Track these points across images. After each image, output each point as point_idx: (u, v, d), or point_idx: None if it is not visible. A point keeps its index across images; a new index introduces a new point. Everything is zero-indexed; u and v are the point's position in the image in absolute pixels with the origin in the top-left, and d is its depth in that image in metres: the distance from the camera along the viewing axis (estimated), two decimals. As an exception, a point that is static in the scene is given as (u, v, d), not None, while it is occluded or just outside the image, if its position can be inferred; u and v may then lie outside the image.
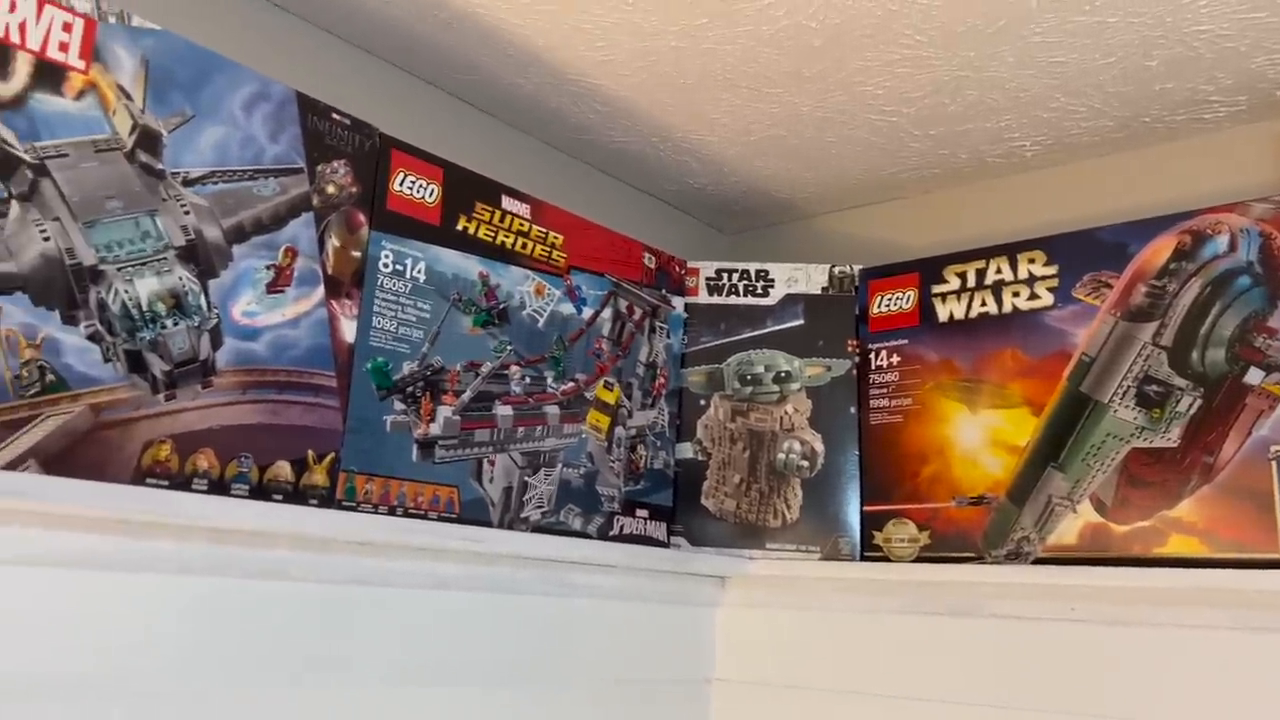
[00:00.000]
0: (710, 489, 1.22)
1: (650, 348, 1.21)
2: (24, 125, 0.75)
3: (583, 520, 1.11)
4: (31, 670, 0.74)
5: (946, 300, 1.18)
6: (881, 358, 1.21)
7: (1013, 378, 1.11)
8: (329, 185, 0.92)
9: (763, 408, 1.22)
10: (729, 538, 1.21)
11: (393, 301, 0.96)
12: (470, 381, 1.01)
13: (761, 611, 1.25)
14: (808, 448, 1.20)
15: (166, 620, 0.81)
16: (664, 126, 1.32)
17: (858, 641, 1.17)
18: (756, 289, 1.26)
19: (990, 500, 1.10)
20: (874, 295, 1.24)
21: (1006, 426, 1.11)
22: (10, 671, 0.73)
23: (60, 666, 0.75)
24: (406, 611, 0.97)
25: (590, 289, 1.15)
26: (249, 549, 0.87)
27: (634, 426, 1.18)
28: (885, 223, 1.51)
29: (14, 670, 0.73)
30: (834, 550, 1.18)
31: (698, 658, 1.27)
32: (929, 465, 1.15)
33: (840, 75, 1.17)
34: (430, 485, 0.97)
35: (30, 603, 0.75)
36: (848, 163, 1.39)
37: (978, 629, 1.09)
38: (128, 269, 0.79)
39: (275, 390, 0.88)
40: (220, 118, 0.86)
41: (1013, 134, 1.28)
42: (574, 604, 1.12)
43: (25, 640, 0.74)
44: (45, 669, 0.75)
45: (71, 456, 0.75)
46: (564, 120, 1.32)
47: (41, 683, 0.75)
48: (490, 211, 1.05)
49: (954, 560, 1.11)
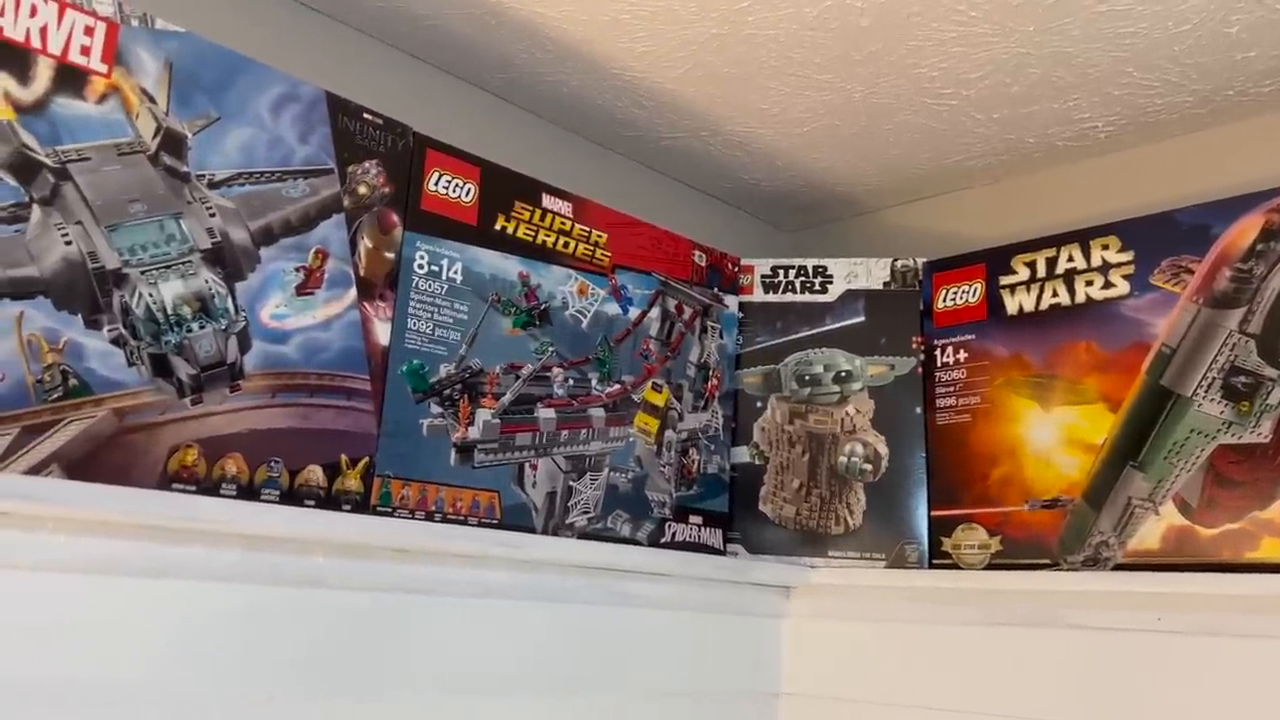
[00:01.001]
0: (768, 494, 1.19)
1: (702, 348, 1.18)
2: (46, 129, 0.75)
3: (632, 526, 1.08)
4: (60, 677, 0.73)
5: (1015, 292, 1.13)
6: (948, 354, 1.17)
7: (1087, 372, 1.06)
8: (360, 186, 0.91)
9: (822, 409, 1.19)
10: (789, 545, 1.17)
11: (428, 303, 0.95)
12: (510, 384, 0.99)
13: (829, 623, 1.21)
14: (870, 450, 1.17)
15: (199, 628, 0.80)
16: (712, 120, 1.29)
17: (927, 653, 1.13)
18: (814, 285, 1.23)
19: (1065, 503, 1.05)
20: (939, 289, 1.20)
21: (1082, 424, 1.05)
22: (38, 678, 0.72)
23: (90, 674, 0.75)
24: (449, 620, 0.95)
25: (636, 288, 1.12)
26: (282, 555, 0.85)
27: (685, 430, 1.15)
28: (951, 214, 1.46)
29: (42, 676, 0.72)
30: (900, 558, 1.14)
31: (764, 671, 1.23)
32: (1000, 467, 1.10)
33: (892, 58, 1.12)
34: (470, 490, 0.96)
35: (58, 609, 0.74)
36: (907, 152, 1.35)
37: (1054, 640, 1.03)
38: (151, 272, 0.79)
39: (306, 394, 0.87)
40: (247, 119, 0.85)
41: (1082, 114, 1.22)
42: (628, 614, 1.08)
43: (53, 647, 0.73)
44: (74, 676, 0.74)
45: (95, 461, 0.75)
46: (608, 117, 1.30)
47: (71, 690, 0.74)
48: (530, 210, 1.04)
49: (1027, 567, 1.06)
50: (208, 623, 0.81)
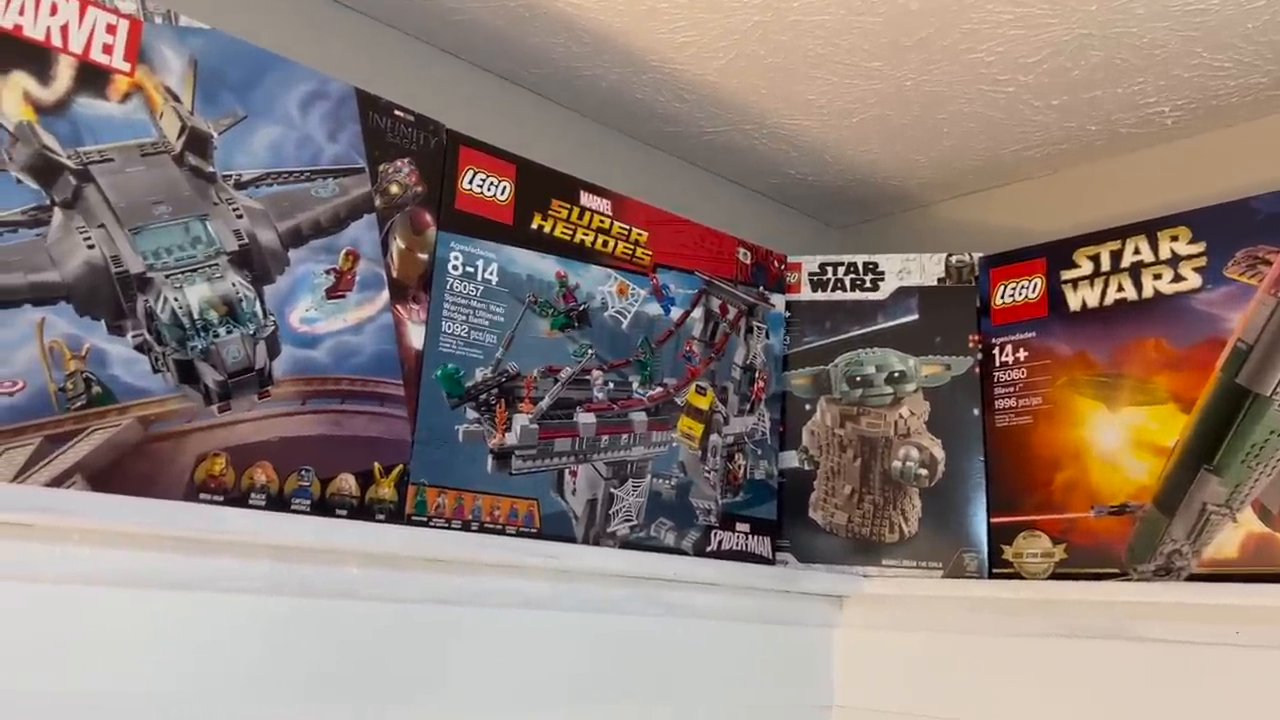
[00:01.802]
0: (818, 501, 1.16)
1: (747, 349, 1.15)
2: (67, 130, 0.73)
3: (676, 535, 1.05)
4: (88, 691, 0.72)
5: (1078, 287, 1.09)
6: (1007, 353, 1.13)
7: (1157, 370, 1.02)
8: (392, 185, 0.90)
9: (875, 411, 1.16)
10: (841, 553, 1.15)
11: (463, 305, 0.93)
12: (548, 388, 0.97)
13: (883, 634, 1.19)
14: (926, 454, 1.13)
15: (229, 642, 0.79)
16: (757, 112, 1.25)
17: (986, 667, 1.10)
18: (865, 283, 1.20)
19: (1135, 509, 1.01)
20: (996, 285, 1.16)
21: (1151, 425, 1.01)
22: (65, 692, 0.71)
23: (118, 688, 0.73)
24: (488, 632, 0.93)
25: (679, 288, 1.09)
26: (314, 567, 0.84)
27: (731, 434, 1.12)
28: (1008, 207, 1.42)
29: (69, 690, 0.71)
30: (959, 567, 1.10)
31: (815, 683, 1.21)
32: (1063, 471, 1.06)
33: (945, 42, 1.08)
34: (508, 498, 0.93)
35: (84, 623, 0.73)
36: (961, 142, 1.30)
37: (1123, 654, 1.00)
38: (177, 276, 0.77)
39: (338, 400, 0.85)
40: (274, 118, 0.83)
41: (1148, 98, 1.17)
42: (673, 625, 1.07)
43: (80, 661, 0.72)
44: (102, 690, 0.72)
45: (120, 471, 0.73)
46: (648, 111, 1.27)
47: (100, 706, 0.72)
48: (568, 208, 1.01)
49: (1094, 577, 1.02)
50: (239, 636, 0.80)
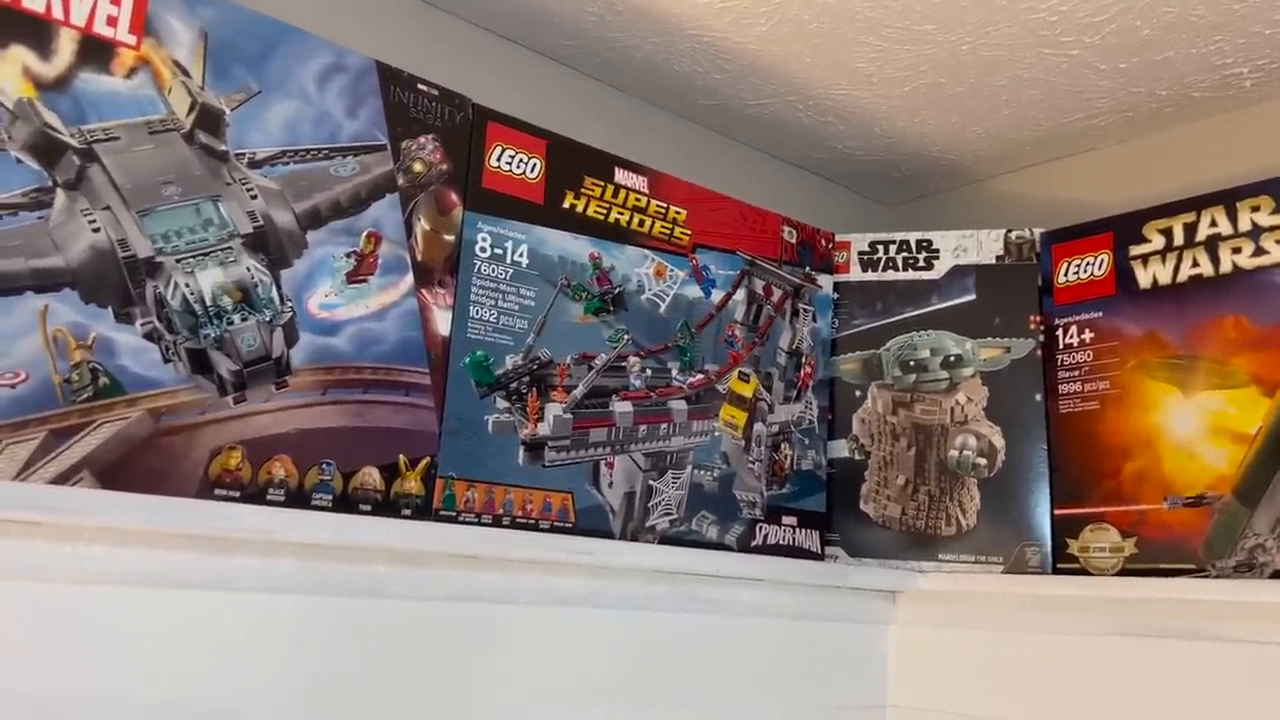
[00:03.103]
0: (870, 492, 1.13)
1: (793, 333, 1.11)
2: (69, 107, 0.71)
3: (719, 529, 1.01)
4: (107, 693, 0.70)
5: (1148, 262, 1.04)
6: (1071, 335, 1.09)
7: (1236, 351, 0.97)
8: (415, 163, 0.87)
9: (930, 398, 1.12)
10: (894, 548, 1.11)
11: (492, 289, 0.90)
12: (583, 375, 0.95)
13: (940, 632, 1.17)
14: (985, 443, 1.09)
15: (252, 641, 0.77)
16: (801, 83, 1.21)
17: (1050, 668, 1.06)
18: (919, 262, 1.17)
19: (1212, 500, 0.96)
20: (1059, 262, 1.11)
21: (1230, 410, 0.96)
22: (83, 693, 0.69)
23: (136, 691, 0.72)
24: (520, 631, 0.91)
25: (720, 269, 1.06)
26: (340, 564, 0.82)
27: (776, 422, 1.09)
28: (1071, 180, 1.37)
29: (87, 692, 0.69)
30: (1021, 562, 1.07)
31: (868, 683, 1.19)
32: (1133, 460, 1.02)
33: (1002, 1, 1.01)
34: (540, 491, 0.91)
35: (98, 624, 0.71)
36: (1021, 111, 1.25)
37: (1198, 655, 0.96)
38: (188, 260, 0.75)
39: (360, 390, 0.82)
40: (290, 92, 0.81)
41: (1225, 59, 1.11)
42: (716, 622, 1.04)
43: (94, 664, 0.70)
44: (119, 693, 0.71)
45: (129, 466, 0.71)
46: (686, 83, 1.24)
47: (116, 708, 0.71)
48: (601, 186, 0.99)
49: (1168, 573, 0.98)
50: (261, 637, 0.78)
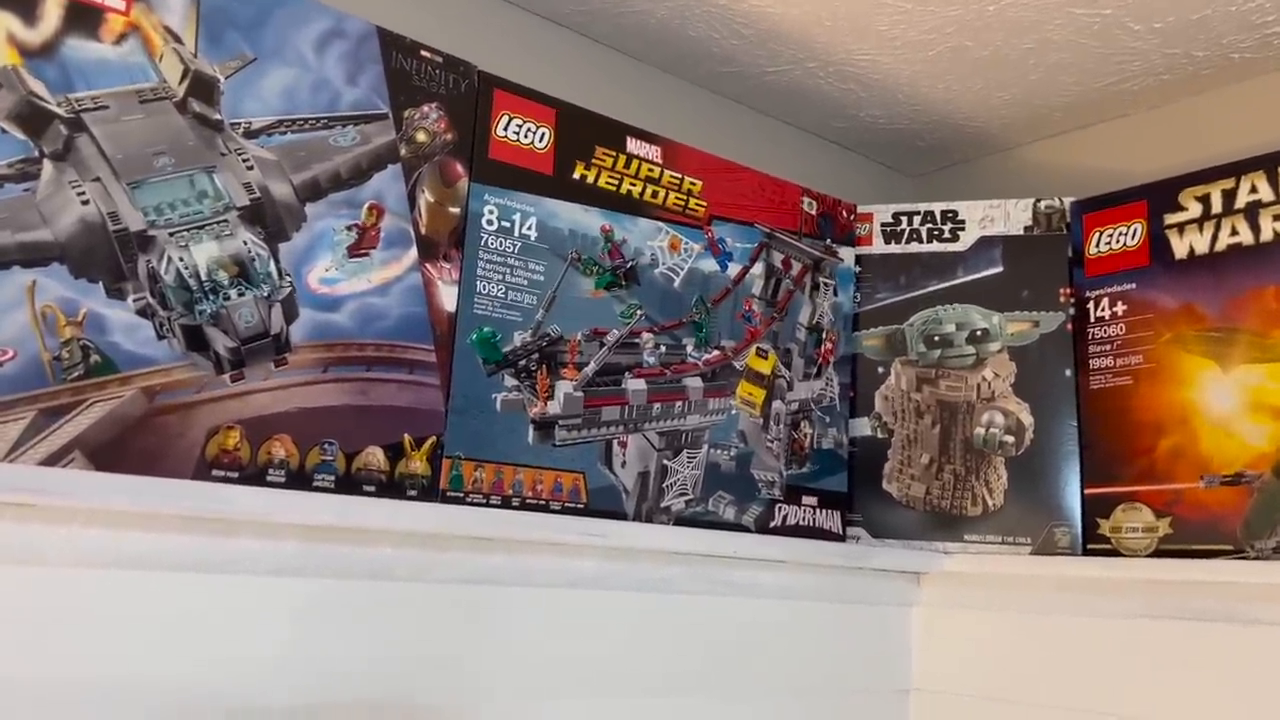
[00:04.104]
0: (893, 471, 1.11)
1: (813, 308, 1.09)
2: (56, 75, 0.69)
3: (736, 509, 0.99)
4: (109, 678, 0.69)
5: (1184, 231, 1.01)
6: (1103, 307, 1.06)
7: (1278, 323, 0.94)
8: (419, 132, 0.85)
9: (955, 374, 1.10)
10: (918, 528, 1.09)
11: (499, 263, 0.88)
12: (594, 352, 0.93)
13: (966, 613, 1.15)
14: (1012, 420, 1.07)
15: (256, 625, 0.76)
16: (822, 48, 1.18)
17: (1082, 651, 1.05)
18: (944, 233, 1.14)
19: (1251, 479, 0.94)
20: (1090, 232, 1.09)
21: (1271, 385, 0.94)
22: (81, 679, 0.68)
23: (138, 674, 0.70)
24: (531, 613, 0.90)
25: (736, 241, 1.04)
26: (344, 546, 0.80)
27: (795, 400, 1.06)
28: (1103, 147, 1.33)
29: (85, 678, 0.68)
30: (1049, 543, 1.05)
31: (891, 665, 1.17)
32: (1168, 437, 1.00)
33: (1033, -42, 0.97)
34: (551, 471, 0.89)
35: (99, 608, 0.70)
36: (1049, 76, 1.21)
37: (1236, 639, 0.94)
38: (182, 233, 0.73)
39: (363, 367, 0.81)
40: (287, 59, 0.79)
41: (1266, 16, 1.06)
42: (733, 604, 1.03)
43: (95, 648, 0.69)
44: (121, 676, 0.70)
45: (123, 447, 0.69)
46: (701, 49, 1.20)
47: (119, 694, 0.70)
48: (613, 156, 0.96)
49: (1203, 554, 0.96)
50: (265, 620, 0.77)
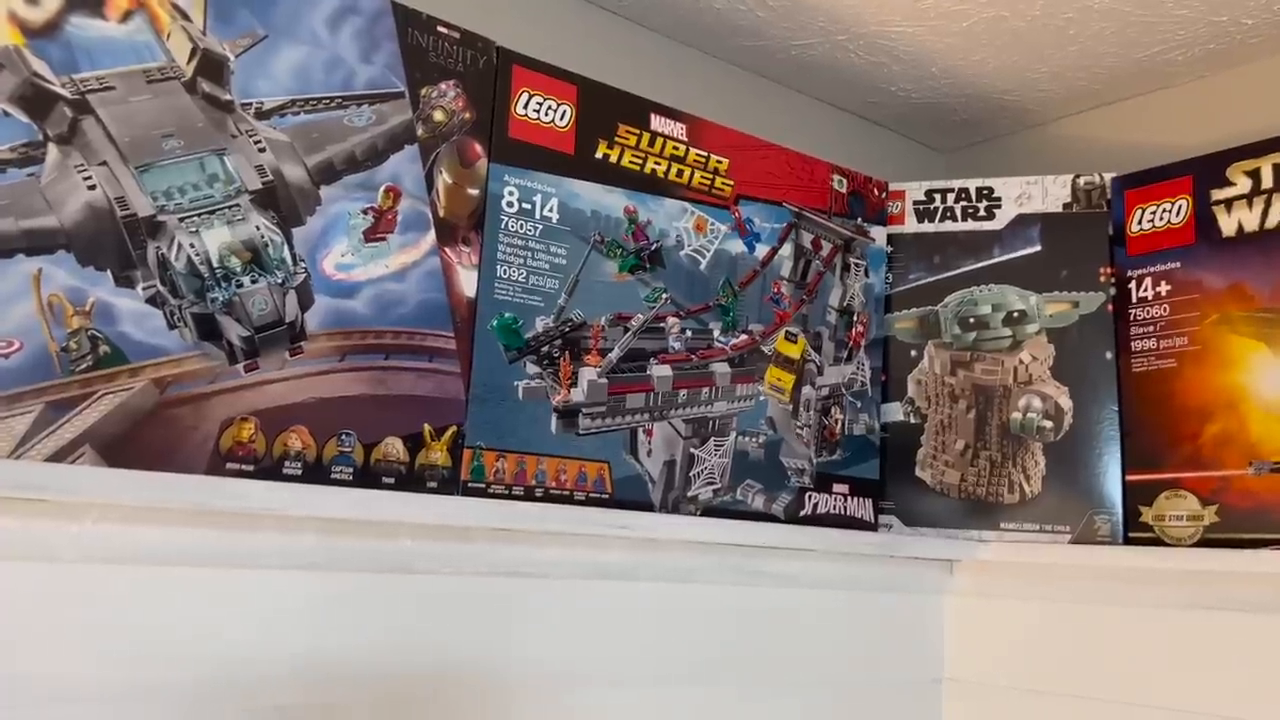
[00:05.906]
0: (927, 458, 1.08)
1: (844, 289, 1.06)
2: (60, 55, 0.68)
3: (765, 499, 0.97)
4: (124, 675, 0.69)
5: (1233, 208, 0.98)
6: (1146, 287, 1.04)
7: None
8: (436, 111, 0.83)
9: (991, 357, 1.08)
10: (953, 516, 1.07)
11: (520, 246, 0.87)
12: (618, 337, 0.91)
13: (1000, 603, 1.14)
14: (1050, 404, 1.05)
15: (276, 621, 0.75)
16: (850, 19, 1.15)
17: (1123, 642, 1.03)
18: (979, 211, 1.11)
19: None
20: (1133, 209, 1.06)
21: None
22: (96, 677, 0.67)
23: (158, 671, 0.70)
24: (556, 605, 0.89)
25: (765, 221, 1.01)
26: (364, 540, 0.79)
27: (825, 385, 1.04)
28: (1145, 121, 1.29)
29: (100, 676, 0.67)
30: (1089, 531, 1.02)
31: (923, 655, 1.16)
32: (1214, 422, 0.97)
33: (1075, -77, 0.93)
34: (575, 461, 0.88)
35: (114, 604, 0.69)
36: (1091, 47, 1.17)
37: None
38: (192, 219, 0.71)
39: (381, 355, 0.79)
40: (299, 37, 0.77)
41: None
42: (763, 594, 1.01)
43: (109, 645, 0.68)
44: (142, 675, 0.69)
45: (134, 440, 0.68)
46: (726, 23, 1.17)
47: (140, 689, 0.69)
48: (636, 134, 0.94)
49: (1251, 544, 0.93)
50: (284, 614, 0.76)
